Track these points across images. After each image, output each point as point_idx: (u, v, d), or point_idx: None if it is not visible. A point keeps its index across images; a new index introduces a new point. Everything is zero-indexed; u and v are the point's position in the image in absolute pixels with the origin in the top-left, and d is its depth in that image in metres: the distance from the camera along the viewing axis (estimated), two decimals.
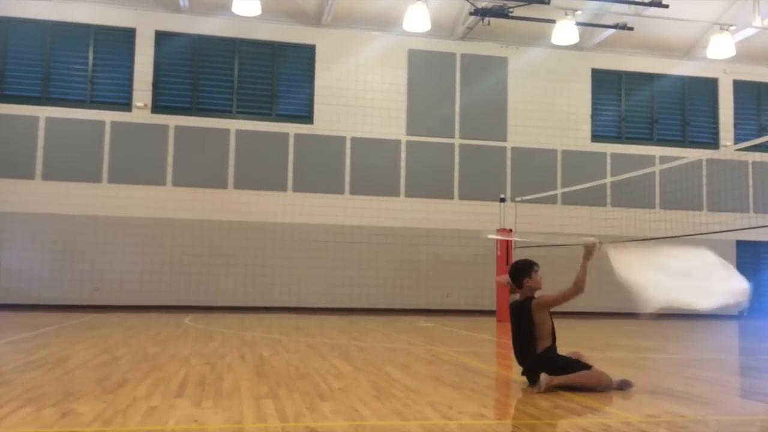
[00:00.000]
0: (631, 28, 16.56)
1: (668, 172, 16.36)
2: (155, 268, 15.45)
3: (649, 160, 17.36)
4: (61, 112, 15.58)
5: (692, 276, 4.93)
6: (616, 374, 5.79)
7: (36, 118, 15.44)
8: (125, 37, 16.07)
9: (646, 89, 18.51)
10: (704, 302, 4.72)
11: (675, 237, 13.51)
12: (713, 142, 18.69)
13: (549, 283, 5.52)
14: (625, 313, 16.62)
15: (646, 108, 18.53)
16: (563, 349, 5.27)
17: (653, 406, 4.44)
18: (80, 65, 15.89)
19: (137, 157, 15.74)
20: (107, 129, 15.69)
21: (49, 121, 15.50)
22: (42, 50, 15.77)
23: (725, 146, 18.37)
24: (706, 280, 4.90)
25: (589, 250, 5.35)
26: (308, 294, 16.03)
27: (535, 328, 5.08)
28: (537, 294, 5.26)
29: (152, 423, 3.61)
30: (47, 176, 15.33)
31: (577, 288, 5.21)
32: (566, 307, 5.48)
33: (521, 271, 5.27)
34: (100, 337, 8.45)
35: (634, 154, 17.79)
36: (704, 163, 17.60)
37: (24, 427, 3.45)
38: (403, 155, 16.93)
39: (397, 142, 16.93)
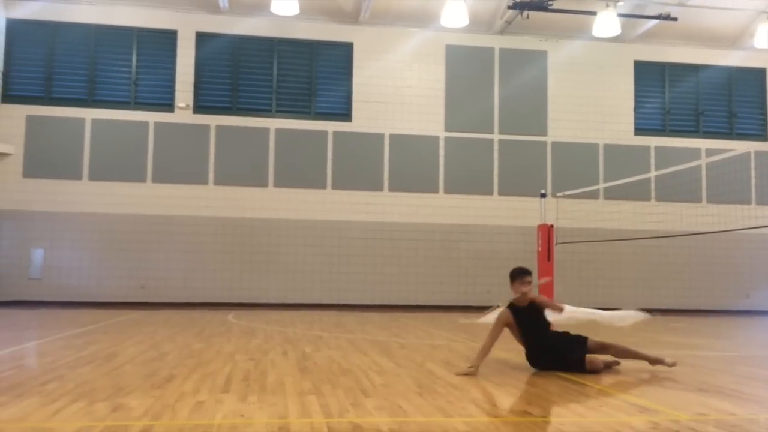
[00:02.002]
0: (675, 18, 16.18)
1: (715, 165, 15.94)
2: (198, 266, 15.71)
3: (694, 153, 16.96)
4: (106, 114, 15.94)
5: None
6: (663, 371, 5.69)
7: (82, 120, 15.83)
8: (167, 39, 16.36)
9: (690, 80, 18.08)
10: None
11: (723, 231, 13.20)
12: (762, 134, 18.16)
13: (590, 279, 5.89)
14: (671, 309, 16.32)
15: (691, 100, 18.10)
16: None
17: (702, 404, 4.35)
18: (124, 67, 16.23)
19: (180, 156, 16.02)
20: (151, 129, 16.00)
21: (95, 122, 15.88)
22: (87, 53, 16.15)
23: None
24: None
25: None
26: (348, 291, 16.10)
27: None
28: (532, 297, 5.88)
29: (200, 417, 3.68)
30: (93, 176, 15.71)
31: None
32: (611, 303, 5.76)
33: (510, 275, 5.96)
34: (146, 333, 8.63)
35: (679, 147, 17.39)
36: (752, 156, 17.11)
37: (77, 421, 3.55)
38: (442, 151, 16.86)
39: (436, 139, 16.87)
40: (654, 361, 5.75)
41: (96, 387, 4.54)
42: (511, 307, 5.82)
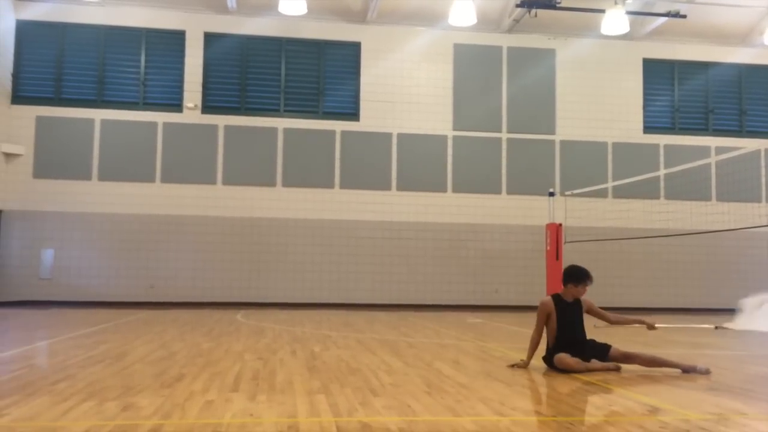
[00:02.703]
0: (684, 16, 16.09)
1: (725, 163, 15.84)
2: (207, 266, 15.76)
3: (704, 151, 16.87)
4: (115, 114, 16.02)
5: None
6: (673, 370, 5.66)
7: (92, 121, 15.91)
8: (175, 39, 16.41)
9: (700, 78, 17.98)
10: None
11: (733, 230, 13.12)
12: None
13: (599, 278, 6.04)
14: (681, 308, 16.24)
15: (700, 97, 18.00)
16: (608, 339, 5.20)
17: (713, 403, 4.32)
18: (133, 68, 16.30)
19: (188, 156, 16.07)
20: (159, 130, 16.06)
21: (104, 123, 15.95)
22: (96, 54, 16.23)
23: None
24: None
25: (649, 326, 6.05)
26: (356, 290, 16.11)
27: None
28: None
29: (209, 416, 3.69)
30: (103, 177, 15.79)
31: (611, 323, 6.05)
32: (620, 302, 5.77)
33: (565, 276, 5.92)
34: (156, 333, 8.66)
35: (689, 145, 17.30)
36: (763, 153, 17.00)
37: (87, 420, 3.56)
38: (450, 150, 16.84)
39: (444, 138, 16.85)
40: (687, 369, 5.56)
41: (106, 386, 4.56)
42: (555, 296, 5.82)
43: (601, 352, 5.69)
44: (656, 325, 6.07)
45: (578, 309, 5.78)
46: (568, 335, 5.69)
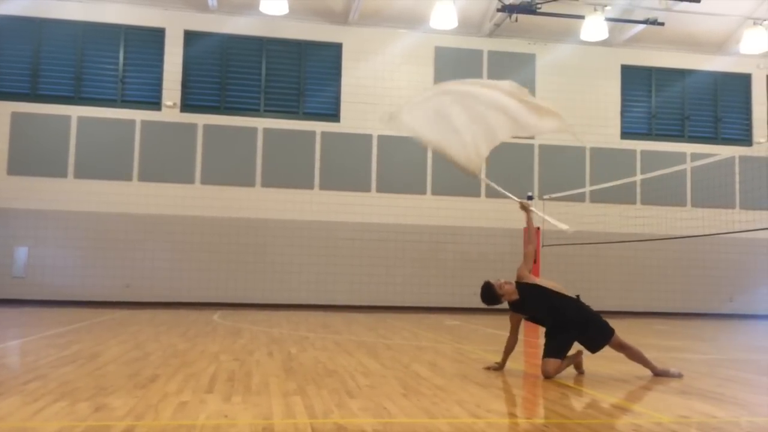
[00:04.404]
0: (662, 23, 16.29)
1: (700, 170, 16.09)
2: (184, 266, 15.63)
3: (680, 158, 17.09)
4: (93, 111, 15.82)
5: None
6: (646, 373, 5.72)
7: (68, 118, 15.71)
8: (155, 37, 16.27)
9: (677, 85, 18.21)
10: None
11: (707, 235, 13.31)
12: (746, 139, 18.32)
13: (576, 281, 5.79)
14: (656, 312, 16.44)
15: (677, 104, 18.24)
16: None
17: (685, 406, 4.38)
18: (111, 65, 16.12)
19: (167, 155, 15.93)
20: (137, 128, 15.91)
21: (81, 120, 15.76)
22: (74, 50, 16.03)
23: (759, 143, 18.01)
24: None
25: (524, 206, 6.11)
26: (335, 292, 16.08)
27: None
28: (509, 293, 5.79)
29: (183, 418, 3.66)
30: (79, 174, 15.59)
31: (530, 253, 6.02)
32: (596, 306, 5.74)
33: (493, 298, 5.77)
34: (130, 333, 8.57)
35: (665, 151, 17.52)
36: (737, 161, 17.27)
37: (59, 421, 3.52)
38: (430, 153, 16.86)
39: None
40: (659, 373, 5.60)
41: (78, 387, 4.51)
42: (511, 305, 5.77)
43: (604, 334, 5.52)
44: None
45: (539, 295, 5.62)
46: (554, 322, 5.57)
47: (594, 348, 5.58)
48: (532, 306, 5.67)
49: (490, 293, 5.71)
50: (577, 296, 5.73)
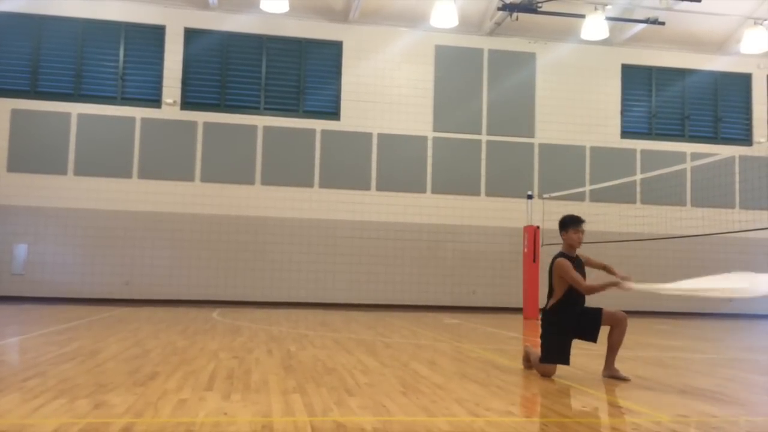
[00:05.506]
0: (663, 23, 16.29)
1: (700, 169, 16.09)
2: (184, 263, 15.63)
3: (680, 157, 17.09)
4: (93, 109, 15.81)
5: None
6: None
7: (68, 115, 15.70)
8: (155, 34, 16.25)
9: (677, 85, 18.21)
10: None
11: (707, 235, 13.32)
12: (746, 139, 18.32)
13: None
14: (656, 312, 16.45)
15: (677, 104, 18.23)
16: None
17: (684, 405, 4.38)
18: (111, 62, 16.11)
19: (166, 153, 15.92)
20: (137, 125, 15.90)
21: (81, 117, 15.74)
22: (74, 48, 16.01)
23: (759, 143, 18.01)
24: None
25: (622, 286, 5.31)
26: (334, 290, 16.09)
27: (551, 284, 5.59)
28: (577, 252, 5.69)
29: (183, 415, 3.66)
30: (79, 172, 15.58)
31: (586, 293, 5.49)
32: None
33: (561, 224, 5.78)
34: (130, 330, 8.57)
35: (665, 151, 17.52)
36: (737, 160, 17.27)
37: (58, 418, 3.52)
38: (430, 151, 16.88)
39: (424, 139, 16.89)
40: (610, 374, 5.47)
41: (78, 384, 4.51)
42: (564, 255, 5.53)
43: (594, 319, 5.45)
44: (628, 285, 5.23)
45: (582, 269, 5.56)
46: (574, 300, 5.44)
47: (592, 336, 5.46)
48: (581, 271, 5.59)
49: (577, 218, 5.72)
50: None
